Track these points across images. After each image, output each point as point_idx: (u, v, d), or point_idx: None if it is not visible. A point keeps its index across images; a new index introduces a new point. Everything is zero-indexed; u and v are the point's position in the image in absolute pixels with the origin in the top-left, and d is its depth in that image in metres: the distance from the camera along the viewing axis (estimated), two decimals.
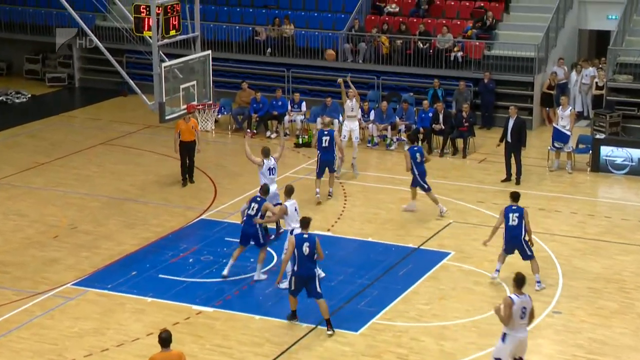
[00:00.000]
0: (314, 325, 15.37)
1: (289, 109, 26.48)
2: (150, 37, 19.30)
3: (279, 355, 14.67)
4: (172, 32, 19.48)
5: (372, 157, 24.77)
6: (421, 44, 27.97)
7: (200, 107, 20.63)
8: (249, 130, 26.51)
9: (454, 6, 29.57)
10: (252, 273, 17.25)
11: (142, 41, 22.44)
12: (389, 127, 25.31)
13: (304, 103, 26.55)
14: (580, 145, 23.91)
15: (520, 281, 12.96)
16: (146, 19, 18.93)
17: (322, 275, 16.44)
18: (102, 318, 15.82)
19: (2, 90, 31.10)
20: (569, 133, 23.21)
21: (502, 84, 27.25)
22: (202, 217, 20.41)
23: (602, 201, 21.80)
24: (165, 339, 11.91)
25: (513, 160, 22.27)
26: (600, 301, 16.41)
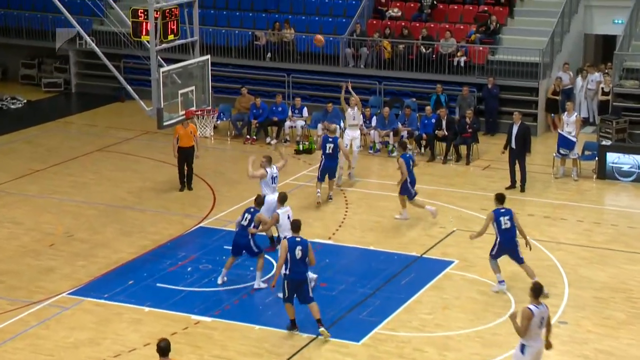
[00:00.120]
0: (314, 336, 15.32)
1: (289, 114, 26.48)
2: (148, 41, 19.30)
3: None
4: (171, 37, 19.48)
5: (374, 163, 24.74)
6: (424, 48, 27.97)
7: (199, 112, 20.62)
8: (248, 136, 26.49)
9: (457, 10, 29.58)
10: (251, 282, 17.22)
11: (139, 46, 22.42)
12: (390, 134, 25.30)
13: (305, 109, 26.53)
14: (586, 152, 23.89)
15: (538, 291, 12.84)
16: (144, 24, 18.93)
17: (314, 276, 16.54)
18: (99, 328, 15.77)
19: None
20: (574, 139, 23.19)
21: (506, 90, 27.24)
22: (201, 224, 20.38)
23: (609, 209, 21.77)
24: (163, 348, 11.88)
25: (517, 167, 22.25)
26: (606, 311, 16.36)
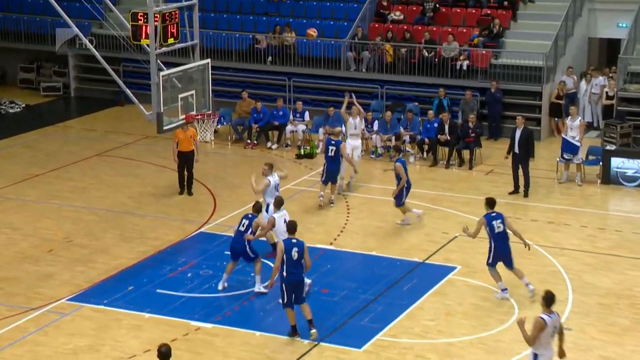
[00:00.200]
0: (316, 342, 15.33)
1: (291, 118, 26.50)
2: (148, 45, 19.31)
3: None
4: (171, 40, 19.48)
5: (376, 168, 24.73)
6: (426, 52, 27.99)
7: (199, 117, 20.63)
8: (248, 140, 26.51)
9: (460, 14, 29.60)
10: (251, 288, 17.23)
11: (139, 49, 22.43)
12: (393, 138, 25.31)
13: (307, 112, 26.54)
14: (590, 157, 23.90)
15: (550, 300, 12.78)
16: (144, 27, 18.93)
17: (308, 281, 16.62)
18: (98, 334, 15.78)
19: None
20: (578, 144, 23.20)
21: (509, 94, 27.26)
22: (201, 230, 20.40)
23: (613, 214, 21.77)
24: (164, 354, 11.89)
25: (521, 172, 22.27)
26: (611, 318, 16.37)
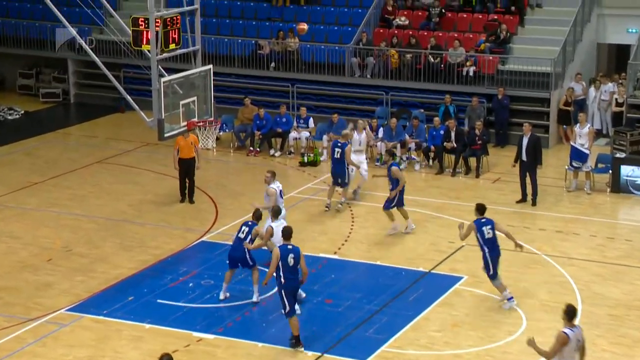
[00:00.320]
0: (319, 353, 15.29)
1: (294, 124, 26.49)
2: (149, 51, 19.35)
3: None
4: (172, 46, 19.52)
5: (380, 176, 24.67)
6: (432, 58, 27.99)
7: (201, 124, 20.65)
8: (251, 148, 26.49)
9: (467, 19, 29.60)
10: (252, 299, 17.20)
11: (140, 55, 22.47)
12: (398, 145, 25.28)
13: (311, 119, 26.54)
14: (600, 165, 23.87)
15: (572, 313, 12.72)
16: (145, 32, 18.97)
17: (303, 295, 16.73)
18: (98, 345, 15.75)
19: None
20: (587, 152, 23.16)
21: (516, 100, 27.23)
22: (203, 239, 20.38)
23: (623, 223, 21.73)
24: None
25: (528, 180, 22.23)
26: (621, 329, 16.31)
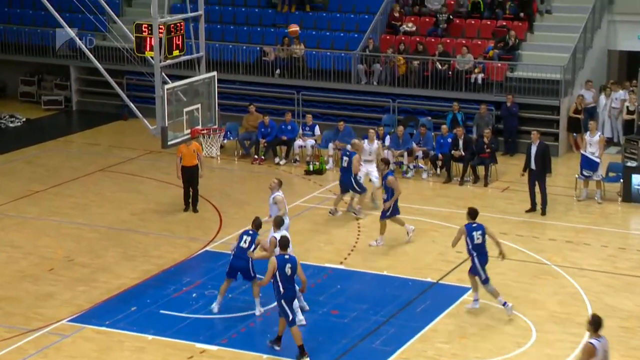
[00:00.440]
0: None
1: (300, 132, 26.47)
2: (152, 57, 19.33)
3: None
4: (176, 53, 19.50)
5: None
6: (439, 65, 27.98)
7: (205, 131, 20.61)
8: (256, 156, 26.48)
9: (475, 25, 29.59)
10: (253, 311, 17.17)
11: (143, 62, 22.45)
12: (405, 154, 25.26)
13: (317, 127, 26.49)
14: (611, 174, 23.83)
15: (598, 323, 12.73)
16: (148, 39, 18.95)
17: (306, 308, 16.85)
18: (100, 357, 15.74)
19: None
20: (598, 160, 23.12)
21: (526, 108, 27.21)
22: (207, 248, 20.37)
23: (634, 234, 21.68)
24: None
25: (538, 189, 22.19)
26: (633, 341, 16.24)
